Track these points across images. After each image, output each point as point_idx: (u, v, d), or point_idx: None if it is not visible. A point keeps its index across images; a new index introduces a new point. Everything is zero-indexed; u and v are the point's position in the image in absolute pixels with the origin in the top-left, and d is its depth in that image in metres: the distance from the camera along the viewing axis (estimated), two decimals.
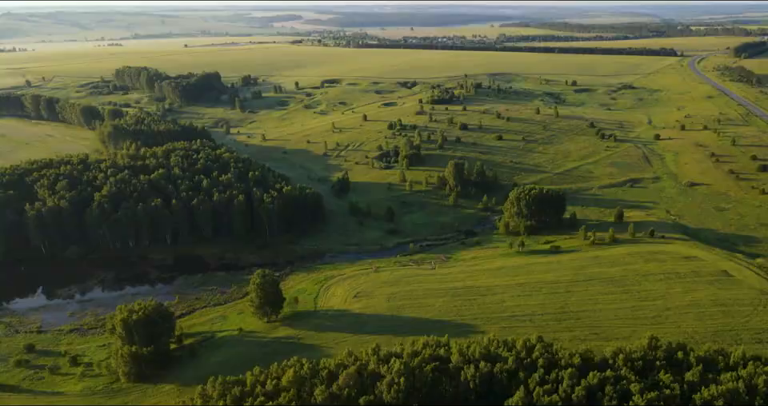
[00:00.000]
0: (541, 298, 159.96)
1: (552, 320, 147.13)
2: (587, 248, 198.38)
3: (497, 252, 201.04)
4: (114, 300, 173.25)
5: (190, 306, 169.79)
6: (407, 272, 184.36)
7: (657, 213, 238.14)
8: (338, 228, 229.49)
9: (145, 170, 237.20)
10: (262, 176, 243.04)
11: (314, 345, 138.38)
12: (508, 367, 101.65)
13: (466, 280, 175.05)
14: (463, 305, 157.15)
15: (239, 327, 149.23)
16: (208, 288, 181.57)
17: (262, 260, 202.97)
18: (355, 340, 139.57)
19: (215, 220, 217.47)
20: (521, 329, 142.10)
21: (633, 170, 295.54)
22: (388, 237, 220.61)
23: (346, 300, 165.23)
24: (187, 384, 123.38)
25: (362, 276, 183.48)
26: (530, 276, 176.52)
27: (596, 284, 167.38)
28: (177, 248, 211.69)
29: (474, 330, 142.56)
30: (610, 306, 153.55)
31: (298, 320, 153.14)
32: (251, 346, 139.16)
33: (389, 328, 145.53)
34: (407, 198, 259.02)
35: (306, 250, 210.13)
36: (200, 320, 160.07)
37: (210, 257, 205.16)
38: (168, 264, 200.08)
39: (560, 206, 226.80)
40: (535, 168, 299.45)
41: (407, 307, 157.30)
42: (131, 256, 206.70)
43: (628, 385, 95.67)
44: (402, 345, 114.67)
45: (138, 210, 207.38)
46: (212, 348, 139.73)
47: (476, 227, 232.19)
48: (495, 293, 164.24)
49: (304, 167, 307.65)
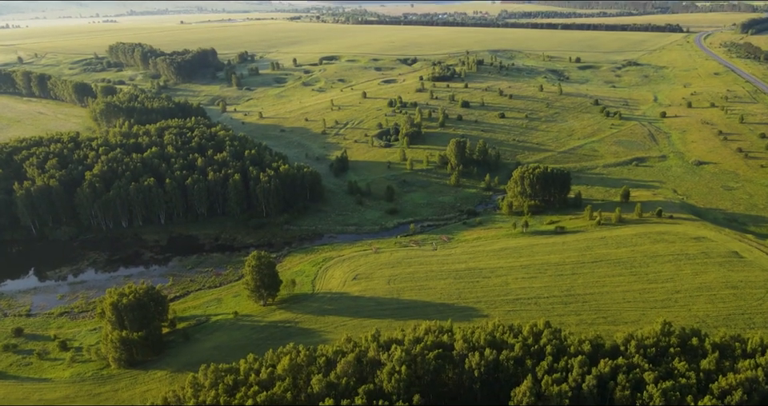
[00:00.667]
0: (546, 280, 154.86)
1: (558, 303, 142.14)
2: (593, 229, 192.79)
3: (500, 233, 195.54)
4: (106, 283, 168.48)
5: (184, 288, 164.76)
6: (408, 254, 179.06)
7: (663, 193, 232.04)
8: (337, 208, 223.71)
9: (137, 148, 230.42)
10: (259, 154, 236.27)
11: (311, 330, 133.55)
12: (515, 354, 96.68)
13: (468, 262, 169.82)
14: (466, 288, 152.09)
15: (234, 310, 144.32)
16: (203, 269, 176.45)
17: (258, 240, 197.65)
18: (354, 325, 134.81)
19: (210, 200, 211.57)
20: (526, 313, 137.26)
21: (638, 149, 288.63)
22: (388, 217, 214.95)
23: (344, 282, 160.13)
24: (180, 370, 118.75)
25: (361, 257, 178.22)
26: (534, 257, 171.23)
27: (603, 266, 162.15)
28: (171, 228, 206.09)
29: (478, 314, 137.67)
30: (617, 289, 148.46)
31: (295, 304, 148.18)
32: (246, 331, 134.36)
33: (389, 311, 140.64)
34: (408, 177, 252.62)
35: (303, 231, 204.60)
36: (194, 303, 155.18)
37: (204, 238, 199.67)
38: (162, 245, 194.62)
39: (564, 185, 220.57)
40: (539, 146, 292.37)
41: (408, 289, 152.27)
42: (124, 236, 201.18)
43: (641, 374, 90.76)
44: (404, 331, 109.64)
45: (131, 189, 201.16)
46: (206, 332, 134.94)
47: (478, 207, 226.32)
48: (499, 275, 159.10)
49: (302, 145, 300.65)
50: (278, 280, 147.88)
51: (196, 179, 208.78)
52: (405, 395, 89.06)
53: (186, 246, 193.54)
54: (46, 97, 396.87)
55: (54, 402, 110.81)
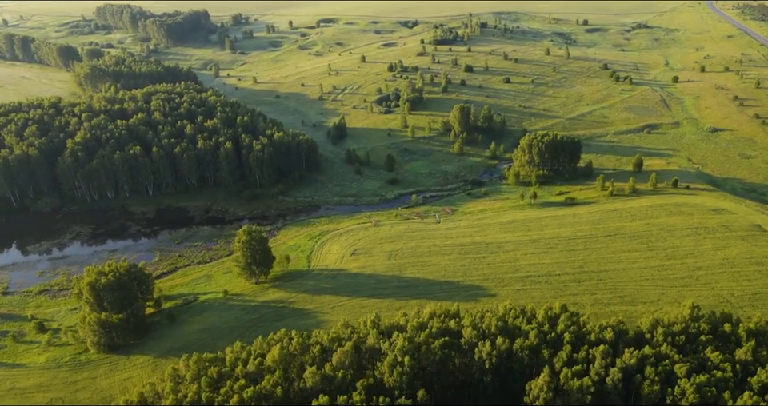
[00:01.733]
0: (557, 256, 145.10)
1: (571, 281, 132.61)
2: (605, 200, 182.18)
3: (506, 205, 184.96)
4: (89, 258, 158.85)
5: (172, 264, 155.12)
6: (409, 227, 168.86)
7: (678, 161, 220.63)
8: (334, 178, 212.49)
9: (123, 115, 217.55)
10: (252, 121, 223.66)
11: (306, 310, 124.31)
12: (529, 343, 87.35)
13: (473, 236, 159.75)
14: (472, 264, 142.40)
15: (224, 289, 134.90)
16: (192, 244, 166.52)
17: (251, 213, 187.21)
18: (353, 305, 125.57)
19: (200, 170, 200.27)
20: (537, 292, 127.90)
21: (650, 115, 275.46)
22: (388, 188, 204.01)
23: (342, 258, 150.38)
24: (164, 355, 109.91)
25: (360, 230, 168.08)
26: (543, 231, 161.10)
27: (617, 241, 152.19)
28: (159, 199, 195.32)
29: (485, 293, 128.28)
30: (633, 265, 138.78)
31: (289, 281, 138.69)
32: (237, 311, 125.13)
33: (390, 290, 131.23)
34: (409, 145, 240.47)
35: (299, 202, 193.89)
36: (182, 280, 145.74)
37: (194, 210, 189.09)
38: (149, 218, 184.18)
39: (575, 154, 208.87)
40: (546, 112, 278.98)
41: (410, 266, 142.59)
42: (110, 208, 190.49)
43: (671, 366, 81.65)
44: (406, 315, 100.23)
45: (115, 159, 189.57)
46: (193, 313, 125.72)
47: (483, 176, 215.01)
48: (507, 250, 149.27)
49: (298, 112, 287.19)
50: (270, 256, 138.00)
51: (185, 147, 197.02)
52: (408, 389, 79.95)
53: (174, 219, 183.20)
54: (30, 61, 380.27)
55: (26, 391, 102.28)
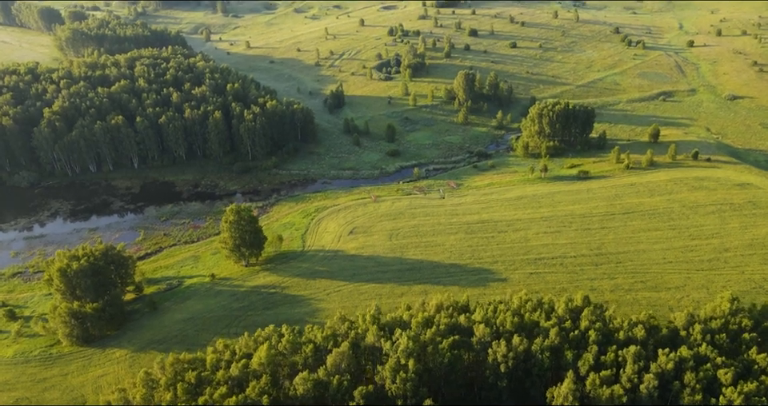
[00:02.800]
0: (571, 235, 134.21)
1: (588, 264, 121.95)
2: (621, 174, 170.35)
3: (515, 178, 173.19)
4: (68, 237, 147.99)
5: (157, 244, 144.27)
6: (412, 203, 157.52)
7: (696, 131, 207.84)
8: (332, 150, 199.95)
9: (104, 82, 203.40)
10: (243, 89, 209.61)
11: (299, 297, 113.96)
12: (550, 342, 76.81)
13: (481, 213, 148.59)
14: (480, 244, 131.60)
15: (212, 272, 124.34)
16: (179, 221, 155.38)
17: (242, 187, 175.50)
18: (350, 291, 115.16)
19: (188, 141, 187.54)
20: (551, 276, 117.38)
21: (665, 82, 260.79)
22: (389, 160, 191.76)
23: (339, 237, 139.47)
24: (143, 349, 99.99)
25: (358, 207, 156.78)
26: (556, 207, 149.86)
27: (636, 219, 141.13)
28: (145, 173, 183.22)
29: (495, 277, 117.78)
30: (655, 246, 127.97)
31: (282, 264, 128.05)
32: (224, 298, 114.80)
33: (391, 274, 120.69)
34: (410, 114, 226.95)
35: (293, 176, 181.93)
36: (167, 262, 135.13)
37: (182, 185, 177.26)
38: (134, 193, 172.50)
39: (587, 124, 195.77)
40: (554, 79, 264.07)
41: (412, 246, 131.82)
42: (91, 183, 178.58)
43: (714, 371, 71.28)
44: (410, 310, 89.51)
45: (96, 129, 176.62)
46: (177, 300, 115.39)
47: (489, 148, 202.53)
48: (517, 229, 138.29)
49: (293, 78, 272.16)
50: (261, 237, 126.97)
51: (171, 117, 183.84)
52: (413, 398, 69.87)
53: (160, 194, 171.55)
54: (11, 24, 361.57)
55: None
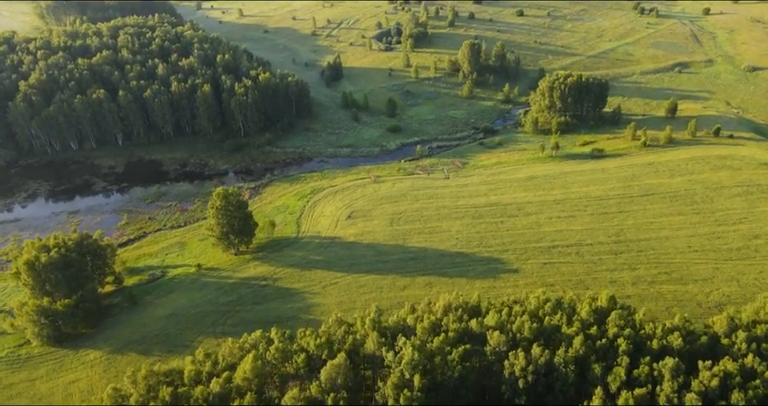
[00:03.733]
0: (587, 220, 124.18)
1: (606, 252, 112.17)
2: (638, 152, 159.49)
3: (524, 157, 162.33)
4: (45, 221, 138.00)
5: (141, 229, 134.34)
6: (414, 183, 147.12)
7: (715, 105, 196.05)
8: (329, 126, 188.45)
9: (85, 52, 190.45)
10: (234, 60, 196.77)
11: (293, 290, 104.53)
12: (574, 352, 67.42)
13: (489, 195, 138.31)
14: (488, 231, 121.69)
15: (198, 262, 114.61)
16: (165, 204, 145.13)
17: (233, 166, 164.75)
18: (348, 283, 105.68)
19: (176, 117, 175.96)
20: (566, 267, 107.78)
21: (680, 52, 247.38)
22: (389, 137, 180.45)
23: (336, 222, 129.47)
24: (120, 350, 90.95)
25: (357, 188, 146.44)
26: (569, 189, 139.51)
27: (656, 201, 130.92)
28: (130, 151, 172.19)
29: (505, 268, 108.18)
30: (678, 233, 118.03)
31: (274, 252, 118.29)
32: (211, 291, 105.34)
33: (392, 264, 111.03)
34: (412, 87, 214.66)
35: (288, 154, 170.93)
36: (151, 249, 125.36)
37: (170, 163, 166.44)
38: (117, 173, 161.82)
39: (601, 98, 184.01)
40: (564, 50, 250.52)
41: (415, 233, 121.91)
42: (73, 161, 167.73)
43: (765, 389, 61.87)
44: (415, 311, 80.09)
45: (76, 104, 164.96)
46: (160, 293, 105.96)
47: (496, 123, 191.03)
48: (528, 214, 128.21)
49: (288, 49, 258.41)
50: (251, 223, 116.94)
51: (156, 90, 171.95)
52: None
53: (146, 174, 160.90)
54: None
55: None
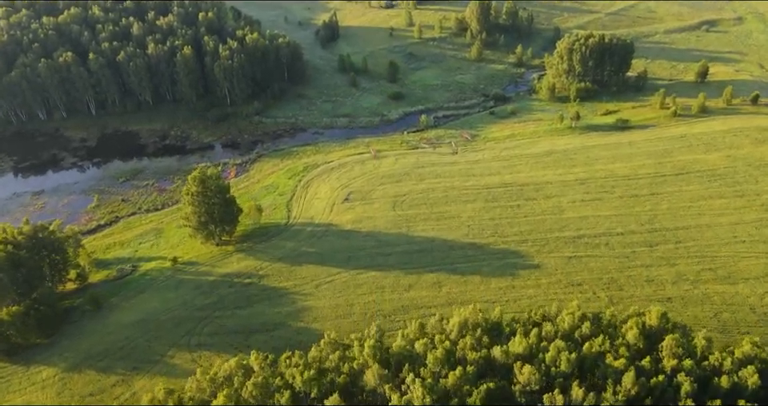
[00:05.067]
0: (615, 205, 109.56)
1: (639, 244, 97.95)
2: (667, 123, 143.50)
3: (541, 128, 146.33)
4: (6, 204, 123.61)
5: (113, 212, 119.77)
6: (419, 159, 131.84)
7: (747, 68, 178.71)
8: (324, 93, 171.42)
9: (52, 10, 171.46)
10: (218, 19, 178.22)
11: (282, 290, 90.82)
12: (624, 393, 53.90)
13: (502, 173, 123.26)
14: (503, 217, 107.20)
15: (174, 255, 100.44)
16: (141, 183, 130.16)
17: (219, 138, 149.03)
18: (345, 281, 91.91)
19: (154, 83, 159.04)
20: (594, 262, 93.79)
21: (707, 8, 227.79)
22: (391, 105, 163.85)
23: (332, 205, 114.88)
24: (76, 366, 77.87)
25: (355, 164, 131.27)
26: (593, 166, 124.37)
27: (692, 182, 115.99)
28: (104, 121, 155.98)
29: (524, 263, 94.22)
30: (721, 220, 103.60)
31: (261, 242, 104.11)
32: (187, 291, 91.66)
33: (396, 257, 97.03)
34: (415, 49, 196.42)
35: (279, 124, 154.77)
36: (123, 237, 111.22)
37: (148, 135, 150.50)
38: (89, 147, 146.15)
39: (625, 61, 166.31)
40: (580, 6, 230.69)
41: (421, 219, 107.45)
42: (40, 133, 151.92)
43: None
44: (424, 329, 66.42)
45: (41, 68, 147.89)
46: (128, 294, 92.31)
47: (508, 89, 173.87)
48: (548, 196, 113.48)
49: (279, 6, 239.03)
50: (234, 209, 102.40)
51: (131, 53, 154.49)
52: None
53: (121, 147, 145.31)
54: None
55: None
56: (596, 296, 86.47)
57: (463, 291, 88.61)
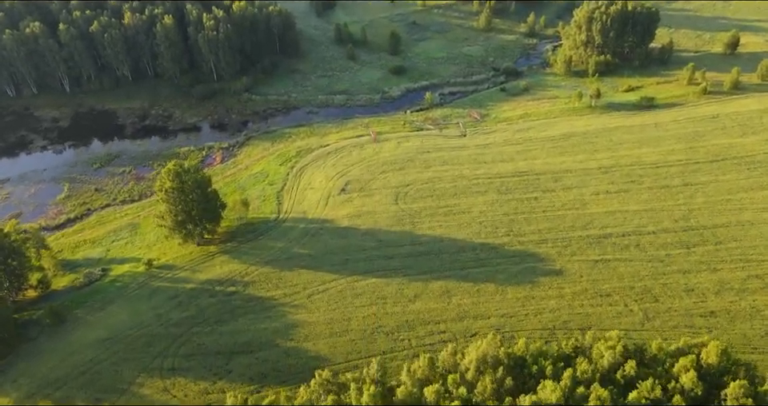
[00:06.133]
0: (644, 197, 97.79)
1: (674, 245, 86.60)
2: (696, 101, 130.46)
3: (557, 107, 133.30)
4: None
5: (85, 204, 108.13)
6: (424, 143, 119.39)
7: None
8: (319, 67, 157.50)
9: None
10: None
11: (269, 301, 79.88)
12: None
13: (516, 159, 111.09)
14: (519, 211, 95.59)
15: (149, 258, 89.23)
16: (117, 169, 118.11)
17: (204, 118, 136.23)
18: (341, 290, 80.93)
19: (133, 57, 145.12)
20: (624, 267, 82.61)
21: None
22: (392, 80, 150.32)
23: (328, 197, 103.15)
24: (31, 397, 67.54)
25: (353, 149, 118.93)
26: (617, 152, 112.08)
27: (729, 170, 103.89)
28: (79, 99, 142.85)
29: (545, 268, 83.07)
30: (765, 215, 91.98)
31: (247, 242, 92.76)
32: (162, 302, 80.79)
33: (399, 260, 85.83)
34: (419, 18, 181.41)
35: (270, 102, 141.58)
36: (95, 233, 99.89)
37: (126, 115, 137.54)
38: (62, 127, 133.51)
39: (648, 31, 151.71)
40: None
41: (427, 214, 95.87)
42: (7, 112, 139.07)
43: None
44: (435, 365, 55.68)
45: (6, 40, 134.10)
46: (95, 305, 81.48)
47: (519, 63, 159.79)
48: (567, 187, 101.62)
49: None
50: (217, 205, 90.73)
51: (106, 23, 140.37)
52: None
53: (97, 128, 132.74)
54: None
55: None
56: (628, 309, 75.63)
57: (476, 302, 77.79)
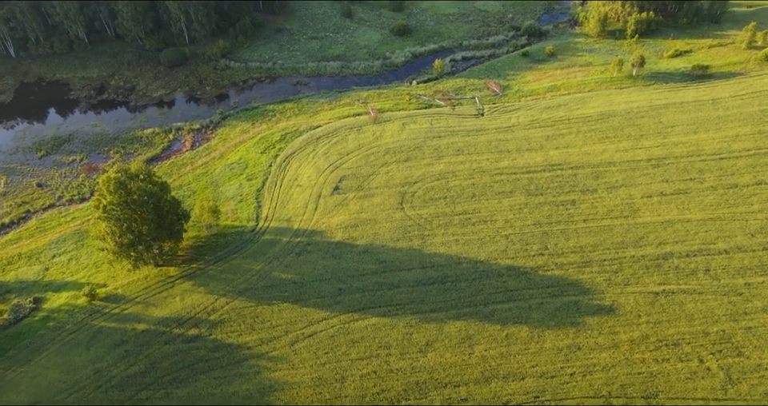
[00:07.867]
0: (709, 201, 78.91)
1: (755, 270, 68.47)
2: (759, 69, 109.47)
3: (590, 77, 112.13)
4: None
5: (23, 205, 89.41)
6: (434, 125, 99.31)
7: None
8: (310, 26, 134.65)
9: None
10: None
11: (241, 353, 62.45)
12: None
13: (546, 147, 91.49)
14: (554, 220, 76.94)
15: (93, 284, 71.28)
16: (66, 157, 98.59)
17: (172, 91, 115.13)
18: (333, 335, 63.49)
19: (88, 16, 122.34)
20: (693, 302, 64.90)
21: None
22: (395, 43, 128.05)
23: (318, 198, 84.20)
24: None
25: (349, 132, 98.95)
26: (668, 138, 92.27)
27: None
28: (25, 67, 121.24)
29: (591, 303, 65.31)
30: None
31: (217, 262, 74.50)
32: (103, 351, 63.44)
33: (405, 291, 68.00)
34: None
35: (251, 71, 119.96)
36: (32, 244, 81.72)
37: (81, 87, 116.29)
38: (3, 102, 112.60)
39: None
40: None
41: (440, 225, 77.26)
42: None
43: None
44: None
45: None
46: (19, 357, 64.01)
47: (543, 20, 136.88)
48: (613, 186, 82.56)
49: None
50: (177, 216, 71.78)
51: None
52: None
53: (45, 104, 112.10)
54: None
55: None
56: (704, 367, 58.48)
57: (505, 354, 60.56)
